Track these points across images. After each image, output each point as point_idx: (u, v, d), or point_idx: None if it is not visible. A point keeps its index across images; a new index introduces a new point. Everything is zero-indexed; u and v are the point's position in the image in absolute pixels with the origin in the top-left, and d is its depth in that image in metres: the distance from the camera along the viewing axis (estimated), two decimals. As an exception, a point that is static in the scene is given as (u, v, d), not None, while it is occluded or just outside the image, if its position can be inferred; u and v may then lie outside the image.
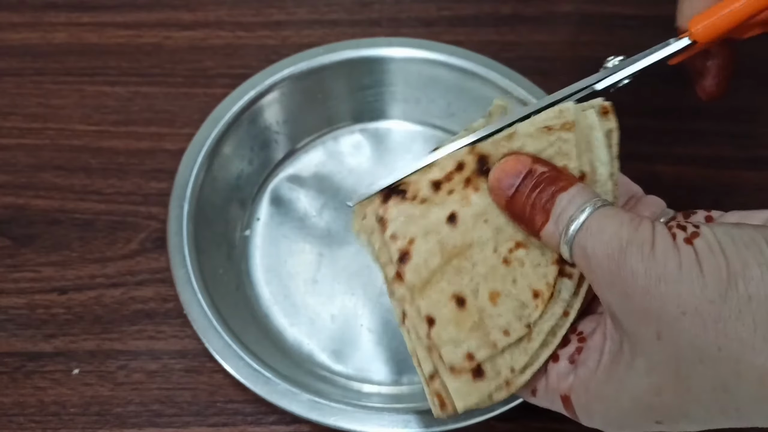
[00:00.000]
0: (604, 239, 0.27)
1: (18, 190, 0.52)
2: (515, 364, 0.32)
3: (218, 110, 0.49)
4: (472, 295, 0.32)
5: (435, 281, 0.32)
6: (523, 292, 0.32)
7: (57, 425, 0.43)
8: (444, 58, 0.52)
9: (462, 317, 0.32)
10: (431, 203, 0.33)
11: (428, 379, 0.33)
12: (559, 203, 0.30)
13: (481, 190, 0.32)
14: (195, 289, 0.43)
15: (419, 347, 0.33)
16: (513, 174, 0.31)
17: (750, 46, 0.38)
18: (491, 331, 0.31)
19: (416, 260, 0.32)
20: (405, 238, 0.32)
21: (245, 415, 0.44)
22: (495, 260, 0.32)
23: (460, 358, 0.31)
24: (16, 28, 0.59)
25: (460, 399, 0.32)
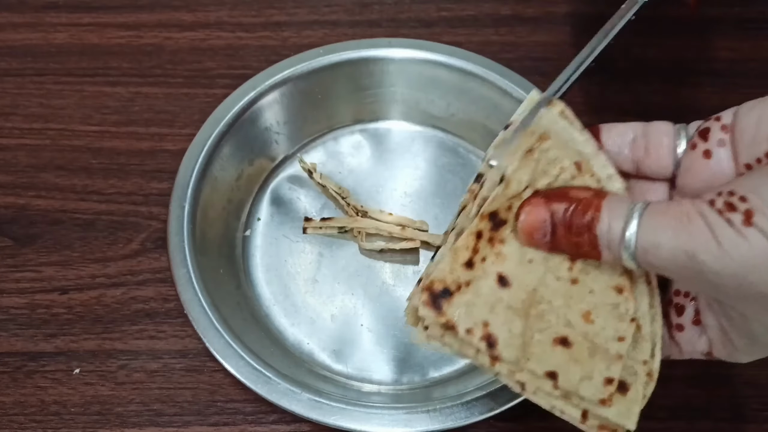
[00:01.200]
0: (666, 255, 0.27)
1: (19, 190, 0.52)
2: (643, 355, 0.32)
3: (219, 111, 0.49)
4: (568, 328, 0.32)
5: (529, 341, 0.32)
6: (607, 294, 0.32)
7: (58, 425, 0.44)
8: (444, 58, 0.52)
9: (576, 353, 0.31)
10: (476, 281, 0.32)
11: (582, 421, 0.32)
12: (601, 234, 0.29)
13: (507, 239, 0.32)
14: (195, 288, 0.43)
15: (556, 401, 0.32)
16: (538, 225, 0.31)
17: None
18: (608, 347, 0.31)
19: (502, 337, 0.32)
20: (478, 325, 0.32)
21: (246, 415, 0.44)
22: (564, 286, 0.32)
23: (601, 388, 0.31)
24: (16, 29, 0.60)
25: (626, 419, 0.31)
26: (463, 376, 0.45)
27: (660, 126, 0.32)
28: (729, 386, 0.45)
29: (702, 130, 0.31)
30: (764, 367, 0.46)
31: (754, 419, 0.44)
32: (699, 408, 0.45)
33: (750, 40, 0.60)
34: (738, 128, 0.30)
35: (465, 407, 0.40)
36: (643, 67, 0.59)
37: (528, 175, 0.32)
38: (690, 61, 0.59)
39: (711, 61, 0.59)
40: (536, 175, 0.32)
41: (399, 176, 0.52)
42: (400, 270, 0.49)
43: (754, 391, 0.45)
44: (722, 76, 0.58)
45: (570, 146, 0.32)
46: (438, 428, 0.39)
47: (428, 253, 0.49)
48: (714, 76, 0.58)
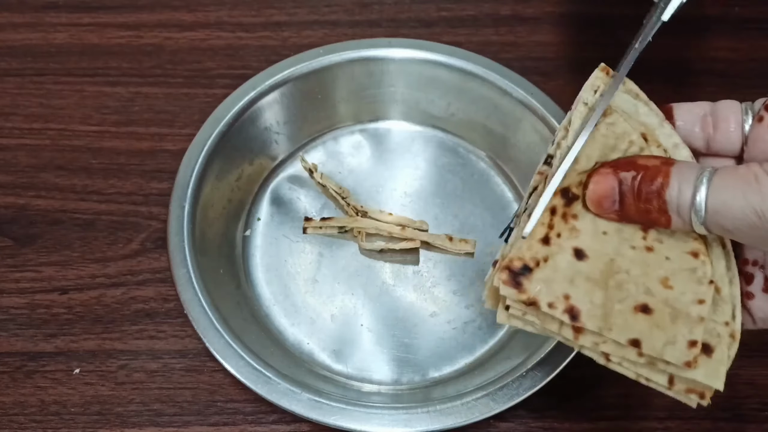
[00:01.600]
0: (736, 215, 0.28)
1: (19, 190, 0.52)
2: (724, 317, 0.32)
3: (219, 111, 0.49)
4: (648, 295, 0.32)
5: (610, 311, 0.32)
6: (683, 260, 0.32)
7: (58, 425, 0.44)
8: (444, 58, 0.52)
9: (657, 319, 0.32)
10: (553, 256, 0.33)
11: (669, 388, 0.33)
12: (671, 199, 0.30)
13: (580, 214, 0.33)
14: (195, 288, 0.43)
15: (641, 369, 0.33)
16: (607, 192, 0.32)
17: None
18: (689, 310, 0.32)
19: (584, 308, 0.32)
20: (560, 299, 0.32)
21: (246, 415, 0.44)
22: (640, 255, 0.33)
23: (685, 351, 0.31)
24: (16, 29, 0.59)
25: (714, 379, 0.32)
26: (463, 376, 0.45)
27: (727, 103, 0.33)
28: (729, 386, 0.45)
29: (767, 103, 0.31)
30: (763, 367, 0.46)
31: (754, 419, 0.44)
32: (699, 408, 0.44)
33: (750, 40, 0.60)
34: None
35: (465, 407, 0.40)
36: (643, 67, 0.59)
37: (598, 151, 0.33)
38: (690, 61, 0.59)
39: (711, 61, 0.59)
40: (606, 150, 0.33)
41: (399, 176, 0.52)
42: (400, 270, 0.49)
43: (754, 391, 0.45)
44: (722, 76, 0.58)
45: (634, 119, 0.33)
46: (438, 428, 0.39)
47: (428, 253, 0.49)
48: (714, 76, 0.58)
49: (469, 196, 0.52)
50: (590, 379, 0.45)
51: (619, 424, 0.44)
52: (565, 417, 0.44)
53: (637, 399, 0.45)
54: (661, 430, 0.44)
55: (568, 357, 0.40)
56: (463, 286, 0.48)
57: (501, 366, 0.43)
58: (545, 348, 0.41)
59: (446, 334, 0.46)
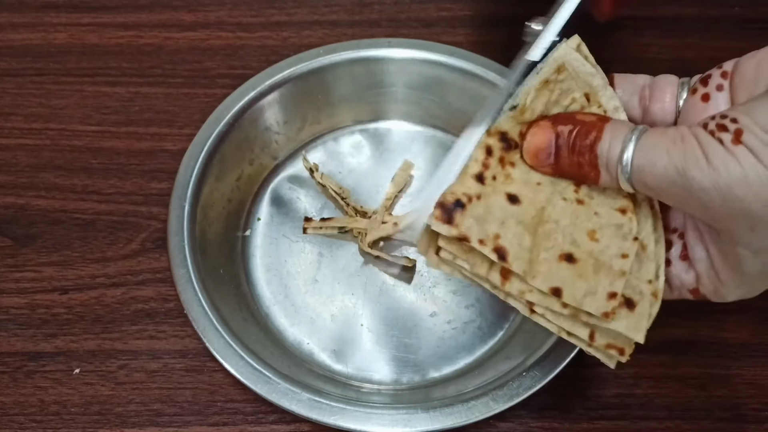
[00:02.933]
0: (659, 172, 0.29)
1: (19, 190, 0.52)
2: (647, 275, 0.33)
3: (219, 111, 0.49)
4: (574, 246, 0.33)
5: (536, 258, 0.33)
6: (611, 216, 0.33)
7: (58, 425, 0.44)
8: (443, 58, 0.52)
9: (580, 269, 0.32)
10: (486, 197, 0.33)
11: (589, 343, 0.33)
12: (602, 153, 0.31)
13: (517, 163, 0.34)
14: (195, 288, 0.43)
15: (562, 321, 0.33)
16: (544, 145, 0.33)
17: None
18: (612, 263, 0.32)
19: (513, 250, 0.32)
20: (490, 238, 0.33)
21: (246, 415, 0.44)
22: (570, 207, 0.33)
23: (604, 302, 0.32)
24: (16, 29, 0.60)
25: (635, 331, 0.32)
26: (463, 376, 0.45)
27: (666, 77, 0.35)
28: (729, 386, 0.45)
29: (703, 78, 0.33)
30: (764, 367, 0.46)
31: (754, 419, 0.44)
32: (699, 408, 0.45)
33: (750, 40, 0.59)
34: (738, 73, 0.31)
35: (465, 407, 0.40)
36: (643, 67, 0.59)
37: (542, 105, 0.34)
38: (690, 61, 0.59)
39: (711, 61, 0.59)
40: (549, 105, 0.34)
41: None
42: (400, 270, 0.49)
43: (754, 391, 0.45)
44: (722, 76, 0.58)
45: (581, 78, 0.34)
46: (438, 428, 0.39)
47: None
48: (714, 76, 0.58)
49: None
50: (590, 379, 0.45)
51: (619, 424, 0.44)
52: (565, 417, 0.44)
53: (637, 399, 0.45)
54: (661, 430, 0.44)
55: (567, 357, 0.40)
56: (463, 286, 0.48)
57: (501, 366, 0.43)
58: (545, 348, 0.41)
59: (446, 334, 0.46)
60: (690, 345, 0.46)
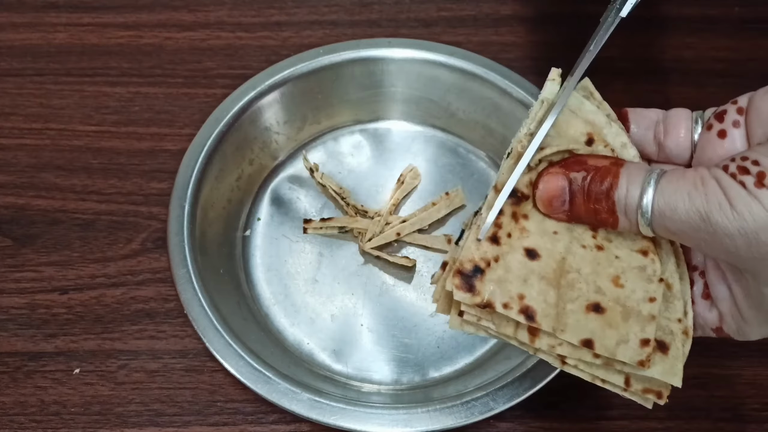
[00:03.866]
0: (681, 217, 0.28)
1: (19, 190, 0.52)
2: (676, 314, 0.32)
3: (219, 111, 0.49)
4: (599, 294, 0.32)
5: (562, 311, 0.32)
6: (633, 258, 0.32)
7: (58, 425, 0.44)
8: (443, 58, 0.52)
9: (609, 318, 0.32)
10: (504, 256, 0.32)
11: (625, 389, 0.32)
12: (619, 200, 0.30)
13: (530, 215, 0.33)
14: (195, 288, 0.43)
15: (597, 371, 0.32)
16: (557, 192, 0.32)
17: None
18: (640, 308, 0.32)
19: (540, 308, 0.31)
20: (514, 299, 0.31)
21: (245, 415, 0.44)
22: (590, 254, 0.32)
23: (638, 350, 0.31)
24: (16, 29, 0.60)
25: (671, 376, 0.32)
26: (463, 376, 0.45)
27: (679, 111, 0.34)
28: (729, 386, 0.45)
29: (718, 113, 0.32)
30: (764, 367, 0.46)
31: (754, 419, 0.44)
32: (699, 408, 0.45)
33: (750, 40, 0.60)
34: (753, 109, 0.31)
35: (465, 407, 0.40)
36: (643, 67, 0.59)
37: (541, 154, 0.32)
38: (690, 61, 0.59)
39: (711, 61, 0.59)
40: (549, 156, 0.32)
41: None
42: (400, 270, 0.49)
43: (754, 391, 0.45)
44: (722, 76, 0.58)
45: (580, 117, 0.33)
46: (438, 428, 0.39)
47: (428, 253, 0.49)
48: (714, 76, 0.58)
49: (469, 197, 0.52)
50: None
51: (619, 424, 0.44)
52: (565, 417, 0.44)
53: (637, 399, 0.45)
54: (661, 430, 0.44)
55: (568, 357, 0.40)
56: (463, 286, 0.48)
57: (501, 366, 0.43)
58: (545, 348, 0.41)
59: (446, 334, 0.46)
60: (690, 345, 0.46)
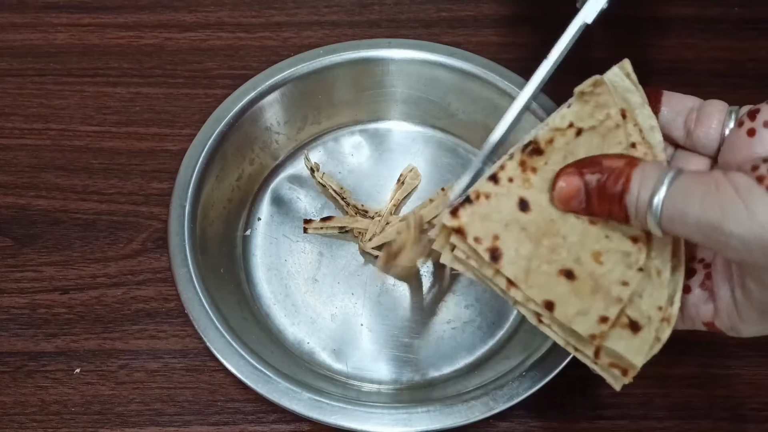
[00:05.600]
0: (691, 222, 0.28)
1: (19, 190, 0.52)
2: (659, 301, 0.32)
3: (219, 111, 0.49)
4: (576, 263, 0.32)
5: (535, 269, 0.32)
6: (621, 242, 0.32)
7: (58, 424, 0.44)
8: (443, 59, 0.52)
9: (577, 287, 0.32)
10: (497, 197, 0.32)
11: (594, 359, 0.33)
12: (630, 204, 0.30)
13: (539, 170, 0.33)
14: (196, 288, 0.43)
15: (570, 336, 0.32)
16: (574, 194, 0.32)
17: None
18: (611, 288, 0.32)
19: (508, 254, 0.32)
20: (488, 237, 0.32)
21: (246, 414, 0.44)
22: (581, 225, 0.32)
23: (594, 324, 0.31)
24: (17, 29, 0.60)
25: (634, 354, 0.32)
26: (463, 375, 0.45)
27: (715, 103, 0.34)
28: (729, 386, 0.45)
29: (751, 111, 0.32)
30: (764, 367, 0.46)
31: (754, 419, 0.44)
32: (699, 408, 0.45)
33: (750, 41, 0.60)
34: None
35: (465, 407, 0.40)
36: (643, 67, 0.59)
37: (574, 115, 0.33)
38: (690, 61, 0.59)
39: (711, 62, 0.59)
40: (582, 114, 0.33)
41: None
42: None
43: (754, 391, 0.45)
44: (722, 76, 0.58)
45: (619, 92, 0.33)
46: (438, 428, 0.39)
47: (428, 253, 0.50)
48: (714, 76, 0.58)
49: (469, 196, 0.52)
50: (590, 379, 0.45)
51: (619, 423, 0.44)
52: (565, 417, 0.44)
53: (637, 399, 0.45)
54: (661, 430, 0.44)
55: (567, 357, 0.40)
56: (463, 285, 0.48)
57: (501, 366, 0.43)
58: (545, 348, 0.41)
59: (446, 334, 0.47)
60: (690, 345, 0.46)
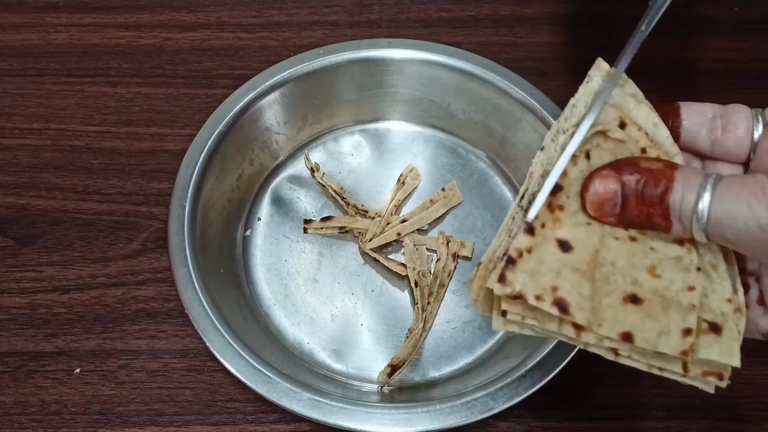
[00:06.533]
0: (740, 226, 0.27)
1: (19, 190, 0.52)
2: (725, 294, 0.31)
3: (219, 111, 0.49)
4: (636, 286, 0.31)
5: (598, 306, 0.31)
6: (668, 249, 0.31)
7: (58, 424, 0.44)
8: (443, 59, 0.52)
9: (647, 309, 0.31)
10: (537, 247, 0.31)
11: (684, 375, 0.32)
12: (674, 204, 0.29)
13: (565, 205, 0.32)
14: (196, 288, 0.43)
15: (652, 360, 0.32)
16: (609, 196, 0.31)
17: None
18: (680, 299, 0.31)
19: (573, 300, 0.30)
20: (547, 291, 0.30)
21: (246, 414, 0.44)
22: (624, 246, 0.32)
23: (680, 340, 0.30)
24: (17, 29, 0.60)
25: (729, 356, 0.31)
26: (463, 375, 0.45)
27: (739, 109, 0.33)
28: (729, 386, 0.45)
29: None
30: (764, 367, 0.46)
31: (754, 419, 0.45)
32: (699, 408, 0.45)
33: (750, 40, 0.60)
34: None
35: (465, 407, 0.40)
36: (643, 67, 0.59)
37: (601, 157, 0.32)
38: (690, 62, 0.59)
39: (711, 62, 0.59)
40: (584, 143, 0.32)
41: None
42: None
43: (754, 391, 0.45)
44: (722, 76, 0.58)
45: (608, 102, 0.32)
46: (438, 428, 0.39)
47: (428, 253, 0.50)
48: (714, 76, 0.58)
49: (469, 197, 0.52)
50: (590, 378, 0.45)
51: (619, 423, 0.44)
52: (565, 417, 0.44)
53: (637, 399, 0.45)
54: (661, 429, 0.44)
55: (567, 357, 0.40)
56: (463, 285, 0.48)
57: (501, 366, 0.43)
58: (545, 348, 0.41)
59: (446, 334, 0.47)
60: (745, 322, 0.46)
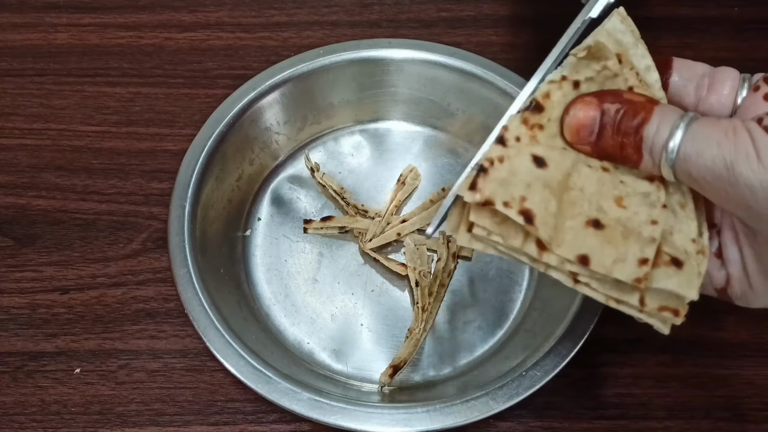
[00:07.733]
0: (706, 163, 0.28)
1: (19, 190, 0.52)
2: (690, 234, 0.32)
3: (219, 111, 0.50)
4: (601, 213, 0.31)
5: (561, 224, 0.31)
6: (638, 184, 0.32)
7: (58, 424, 0.44)
8: (443, 59, 0.52)
9: (608, 235, 0.31)
10: (510, 158, 0.31)
11: (640, 307, 0.32)
12: (648, 136, 0.30)
13: (545, 127, 0.32)
14: (196, 288, 0.43)
15: (611, 290, 0.32)
16: (587, 122, 0.31)
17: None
18: (641, 230, 0.31)
19: (539, 213, 0.30)
20: (515, 200, 0.30)
21: (246, 414, 0.44)
22: (596, 174, 0.32)
23: (635, 268, 0.31)
24: (17, 29, 0.60)
25: (687, 288, 0.31)
26: (463, 375, 0.45)
27: (727, 70, 0.33)
28: (729, 386, 0.45)
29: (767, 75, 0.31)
30: (764, 367, 0.46)
31: (754, 419, 0.44)
32: (699, 408, 0.45)
33: (749, 41, 0.60)
34: None
35: (465, 407, 0.40)
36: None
37: (569, 68, 0.32)
38: (690, 62, 0.59)
39: (711, 62, 0.59)
40: (578, 66, 0.32)
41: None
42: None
43: (754, 391, 0.45)
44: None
45: (612, 36, 0.33)
46: (438, 428, 0.39)
47: (428, 253, 0.50)
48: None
49: (469, 196, 0.52)
50: (590, 379, 0.45)
51: (619, 424, 0.44)
52: (565, 417, 0.44)
53: (637, 399, 0.45)
54: (661, 430, 0.44)
55: (567, 357, 0.40)
56: (463, 285, 0.48)
57: (501, 366, 0.43)
58: (544, 348, 0.41)
59: (446, 334, 0.47)
60: (690, 345, 0.46)
